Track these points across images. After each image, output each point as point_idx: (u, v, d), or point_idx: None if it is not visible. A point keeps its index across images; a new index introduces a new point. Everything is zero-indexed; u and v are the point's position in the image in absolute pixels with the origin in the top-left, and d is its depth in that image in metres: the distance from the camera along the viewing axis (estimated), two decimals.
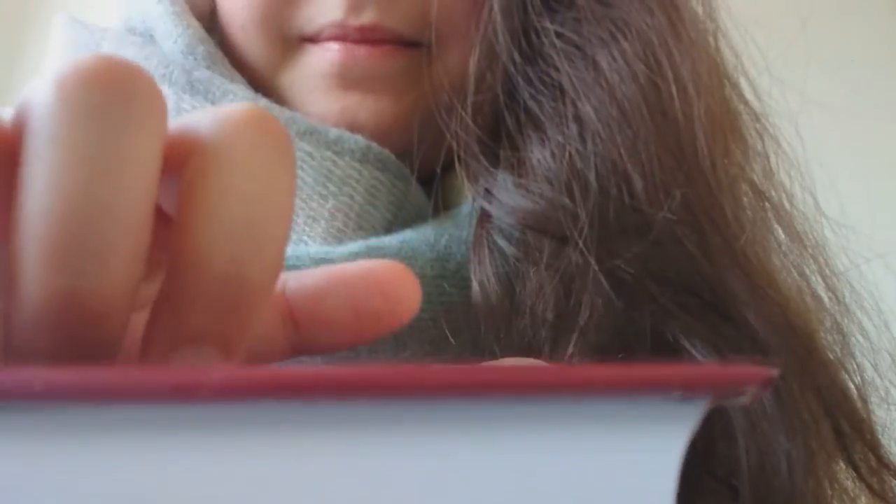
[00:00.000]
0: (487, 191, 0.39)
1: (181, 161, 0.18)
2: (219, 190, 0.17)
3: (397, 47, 0.41)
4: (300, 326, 0.24)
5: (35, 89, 0.17)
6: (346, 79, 0.41)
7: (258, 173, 0.18)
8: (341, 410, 0.15)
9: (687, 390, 0.16)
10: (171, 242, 0.18)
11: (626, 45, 0.39)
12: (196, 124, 0.18)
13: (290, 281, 0.25)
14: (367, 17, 0.40)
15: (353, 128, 0.41)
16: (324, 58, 0.41)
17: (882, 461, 0.41)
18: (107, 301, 0.16)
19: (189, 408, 0.15)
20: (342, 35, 0.41)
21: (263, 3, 0.42)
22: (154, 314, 0.18)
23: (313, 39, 0.42)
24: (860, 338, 0.43)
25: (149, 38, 0.45)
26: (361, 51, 0.41)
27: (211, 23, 0.46)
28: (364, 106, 0.41)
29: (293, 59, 0.42)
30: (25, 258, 0.16)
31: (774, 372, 0.17)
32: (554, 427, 0.16)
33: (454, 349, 0.38)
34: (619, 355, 0.36)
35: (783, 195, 0.44)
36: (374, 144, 0.40)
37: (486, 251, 0.38)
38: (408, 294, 0.23)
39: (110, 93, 0.17)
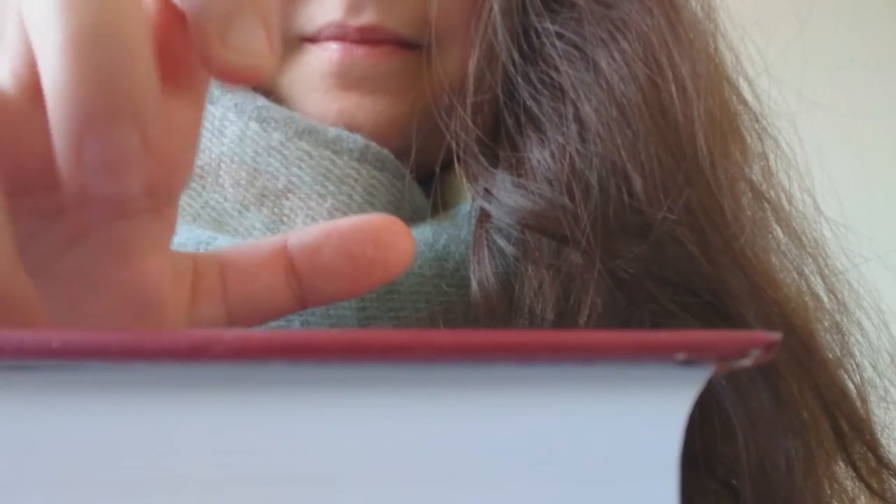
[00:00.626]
0: (487, 190, 0.39)
1: None
2: None
3: (396, 48, 0.41)
4: (302, 278, 0.26)
5: None
6: (345, 79, 0.41)
7: None
8: (352, 372, 0.16)
9: (691, 354, 0.17)
10: None
11: (625, 45, 0.39)
12: None
13: (292, 237, 0.27)
14: (366, 18, 0.40)
15: (352, 128, 0.41)
16: (323, 57, 0.41)
17: (881, 461, 0.41)
18: (138, 73, 0.19)
19: (203, 368, 0.16)
20: (341, 35, 0.41)
21: None
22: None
23: (313, 39, 0.42)
24: (859, 337, 0.43)
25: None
26: (360, 51, 0.41)
27: None
28: (362, 107, 0.41)
29: (292, 59, 0.42)
30: (55, 59, 0.19)
31: (777, 336, 0.17)
32: (561, 390, 0.16)
33: None
34: None
35: (782, 195, 0.44)
36: (373, 144, 0.40)
37: (486, 251, 0.38)
38: (401, 244, 0.25)
39: None
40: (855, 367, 0.42)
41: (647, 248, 0.36)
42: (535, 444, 0.16)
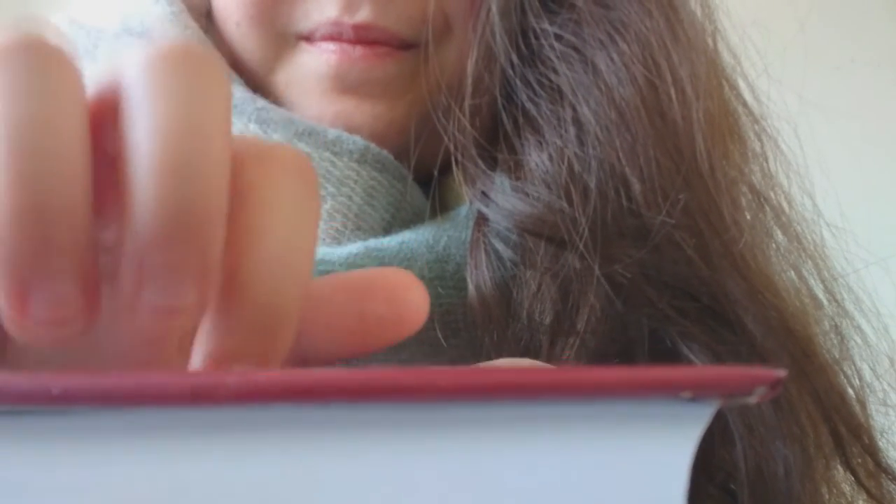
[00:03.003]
0: (484, 194, 0.38)
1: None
2: (261, 232, 0.20)
3: (392, 49, 0.41)
4: (302, 334, 0.24)
5: (124, 61, 0.20)
6: (342, 82, 0.41)
7: (294, 217, 0.20)
8: (354, 413, 0.16)
9: (697, 391, 0.16)
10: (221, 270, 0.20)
11: (624, 46, 0.38)
12: (242, 151, 0.21)
13: None
14: (362, 16, 0.40)
15: (350, 130, 0.41)
16: (320, 60, 0.41)
17: (880, 465, 0.41)
18: (212, 203, 0.19)
19: (207, 411, 0.15)
20: (337, 34, 0.41)
21: (258, 0, 0.42)
22: (204, 335, 0.20)
23: (309, 38, 0.42)
24: (859, 341, 0.43)
25: (147, 39, 0.45)
26: (357, 53, 0.40)
27: (208, 25, 0.46)
28: (360, 110, 0.41)
29: (288, 57, 0.42)
30: (141, 180, 0.19)
31: (782, 373, 0.17)
32: (566, 428, 0.16)
33: (452, 351, 0.38)
34: (617, 360, 0.36)
35: (782, 197, 0.44)
36: (373, 145, 0.40)
37: (483, 254, 0.38)
38: (415, 302, 0.23)
39: (193, 62, 0.20)
40: (854, 371, 0.42)
41: (646, 252, 0.36)
42: (539, 483, 0.16)
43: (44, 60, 0.19)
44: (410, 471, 0.16)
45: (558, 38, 0.39)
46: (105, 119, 0.20)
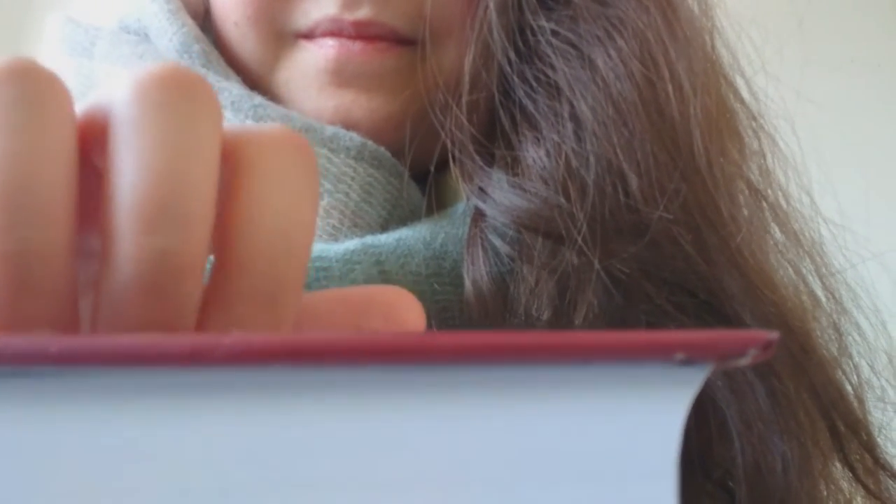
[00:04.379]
0: (482, 189, 0.38)
1: (227, 155, 0.21)
2: (259, 204, 0.20)
3: (391, 44, 0.41)
4: None
5: (114, 90, 0.20)
6: (341, 76, 0.41)
7: (291, 190, 0.21)
8: (349, 375, 0.16)
9: (690, 354, 0.17)
10: (217, 242, 0.20)
11: (622, 43, 0.39)
12: (240, 135, 0.21)
13: None
14: (362, 13, 0.40)
15: (348, 125, 0.41)
16: (319, 54, 0.41)
17: (878, 461, 0.41)
18: (189, 258, 0.19)
19: (204, 372, 0.15)
20: (337, 30, 0.41)
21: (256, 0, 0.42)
22: (205, 306, 0.20)
23: (308, 35, 0.42)
24: (857, 337, 0.43)
25: (143, 36, 0.45)
26: (356, 46, 0.41)
27: (205, 22, 0.46)
28: (358, 104, 0.41)
29: (287, 55, 0.42)
30: (120, 225, 0.19)
31: (775, 336, 0.17)
32: (560, 391, 0.16)
33: None
34: None
35: (780, 194, 0.44)
36: (370, 142, 0.40)
37: (480, 250, 0.38)
38: (412, 320, 0.24)
39: (182, 91, 0.20)
40: (852, 367, 0.42)
41: (643, 247, 0.36)
42: (534, 445, 0.16)
43: (31, 93, 0.19)
44: (404, 431, 0.16)
45: (555, 34, 0.39)
46: (95, 141, 0.20)
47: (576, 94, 0.38)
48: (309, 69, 0.42)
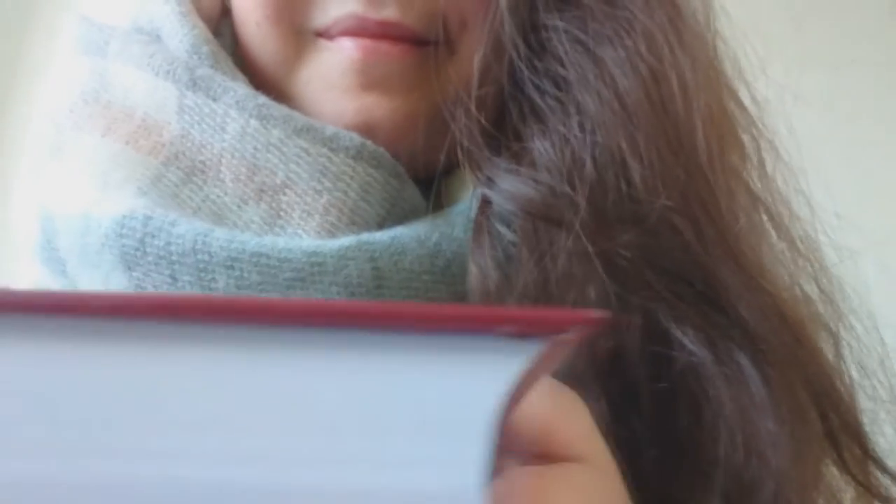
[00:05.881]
0: (489, 178, 0.39)
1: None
2: None
3: (413, 46, 0.42)
4: None
5: None
6: (367, 77, 0.42)
7: None
8: (206, 330, 0.18)
9: (516, 328, 0.18)
10: None
11: (629, 42, 0.40)
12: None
13: None
14: (388, 13, 0.41)
15: (369, 126, 0.42)
16: (342, 56, 0.42)
17: (867, 452, 0.41)
18: None
19: (87, 321, 0.18)
20: (359, 28, 0.41)
21: None
22: None
23: (326, 33, 0.43)
24: (852, 342, 0.44)
25: (155, 37, 0.46)
26: (382, 47, 0.41)
27: (219, 26, 0.47)
28: (380, 105, 0.42)
29: (308, 55, 0.43)
30: None
31: (603, 315, 0.19)
32: (393, 354, 0.18)
33: None
34: (611, 341, 0.37)
35: (778, 199, 0.45)
36: (369, 142, 0.41)
37: (486, 236, 0.39)
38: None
39: None
40: (845, 366, 0.43)
41: (643, 235, 0.37)
42: (362, 399, 0.18)
43: None
44: (254, 384, 0.18)
45: (565, 32, 0.40)
46: None
47: (583, 89, 0.39)
48: (332, 71, 0.42)
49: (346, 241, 0.39)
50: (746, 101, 0.46)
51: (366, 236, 0.40)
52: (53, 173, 0.44)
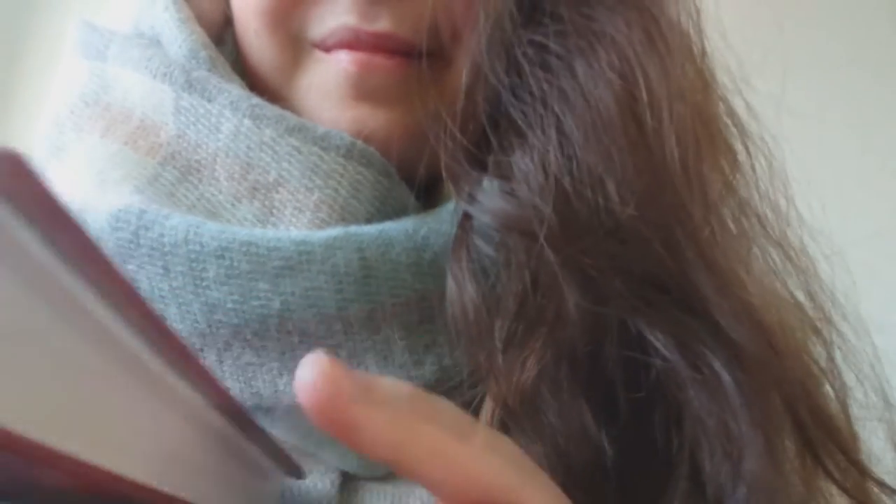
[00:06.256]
0: (470, 195, 0.40)
1: None
2: None
3: (407, 58, 0.43)
4: None
5: None
6: (361, 89, 0.43)
7: None
8: None
9: None
10: None
11: (602, 54, 0.40)
12: None
13: None
14: (382, 25, 0.42)
15: (364, 136, 0.42)
16: (339, 68, 0.43)
17: (852, 460, 0.41)
18: None
19: None
20: (354, 41, 0.42)
21: (273, 6, 0.44)
22: None
23: (322, 45, 0.43)
24: (843, 347, 0.44)
25: (155, 42, 0.47)
26: (377, 60, 0.42)
27: (222, 34, 0.48)
28: (375, 116, 0.43)
29: (305, 65, 0.44)
30: None
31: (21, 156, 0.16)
32: None
33: (426, 336, 0.40)
34: (587, 349, 0.38)
35: (768, 202, 0.45)
36: (360, 141, 0.42)
37: (464, 251, 0.40)
38: None
39: None
40: (837, 371, 0.43)
41: (615, 245, 0.37)
42: None
43: None
44: None
45: (544, 47, 0.41)
46: None
47: (562, 103, 0.40)
48: (328, 82, 0.43)
49: (334, 231, 0.40)
50: (740, 107, 0.46)
51: (354, 228, 0.40)
52: (54, 173, 0.45)
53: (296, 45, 0.44)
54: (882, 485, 0.42)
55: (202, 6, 0.47)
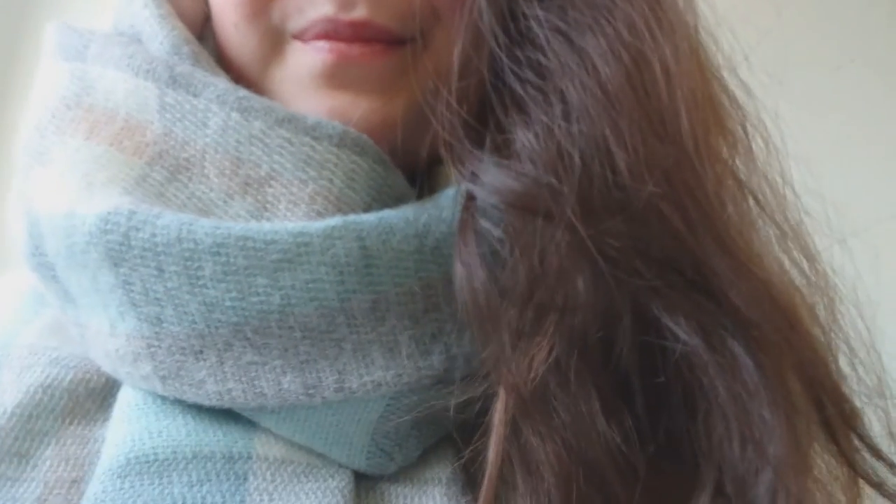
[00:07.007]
0: (473, 173, 0.39)
1: None
2: None
3: (387, 46, 0.42)
4: None
5: None
6: (337, 79, 0.42)
7: None
8: None
9: None
10: None
11: (610, 29, 0.39)
12: None
13: None
14: (358, 13, 0.41)
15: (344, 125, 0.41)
16: (316, 58, 0.42)
17: (863, 439, 0.41)
18: None
19: None
20: (332, 31, 0.41)
21: None
22: None
23: (302, 36, 0.43)
24: (844, 328, 0.43)
25: (136, 40, 0.46)
26: (354, 50, 0.41)
27: (203, 31, 0.47)
28: (355, 105, 0.42)
29: (283, 55, 0.43)
30: None
31: None
32: None
33: (432, 324, 0.39)
34: (601, 333, 0.36)
35: (766, 186, 0.44)
36: (352, 129, 0.41)
37: (472, 234, 0.39)
38: None
39: None
40: (835, 354, 0.43)
41: (631, 223, 0.36)
42: None
43: None
44: None
45: (545, 21, 0.40)
46: None
47: (565, 77, 0.39)
48: (302, 72, 0.42)
49: (333, 221, 0.39)
50: (738, 92, 0.45)
51: (353, 217, 0.39)
52: (38, 178, 0.44)
53: (275, 38, 0.43)
54: (893, 466, 0.41)
55: (182, 3, 0.47)
